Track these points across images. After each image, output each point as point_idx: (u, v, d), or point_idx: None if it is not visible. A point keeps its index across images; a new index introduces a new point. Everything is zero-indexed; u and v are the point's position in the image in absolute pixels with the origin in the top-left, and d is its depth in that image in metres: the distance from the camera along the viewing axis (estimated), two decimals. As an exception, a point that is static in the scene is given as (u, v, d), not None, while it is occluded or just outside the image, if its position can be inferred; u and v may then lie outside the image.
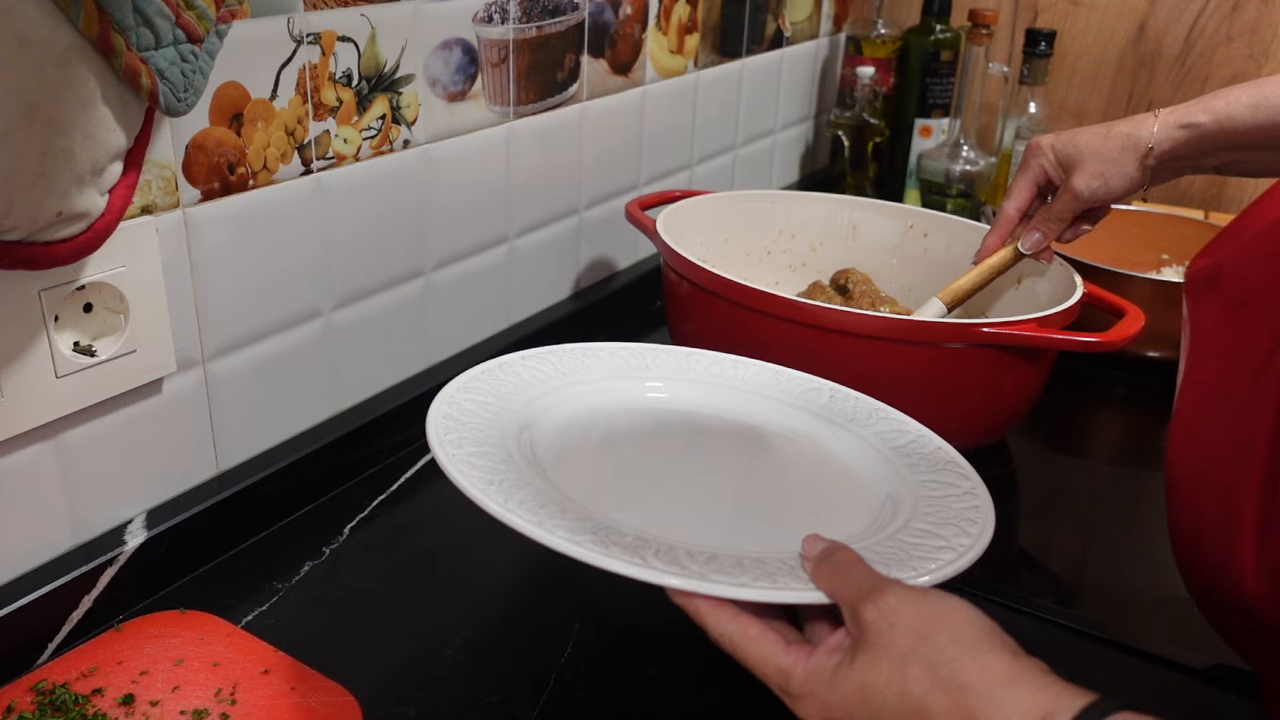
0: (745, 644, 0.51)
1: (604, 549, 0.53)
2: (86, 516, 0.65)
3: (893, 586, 0.48)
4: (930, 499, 0.62)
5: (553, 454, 0.63)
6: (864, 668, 0.46)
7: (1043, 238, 0.86)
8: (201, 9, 0.56)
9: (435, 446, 0.57)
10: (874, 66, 1.36)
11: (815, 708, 0.48)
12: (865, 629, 0.47)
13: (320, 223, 0.74)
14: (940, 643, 0.45)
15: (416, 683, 0.61)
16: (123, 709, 0.55)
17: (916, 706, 0.44)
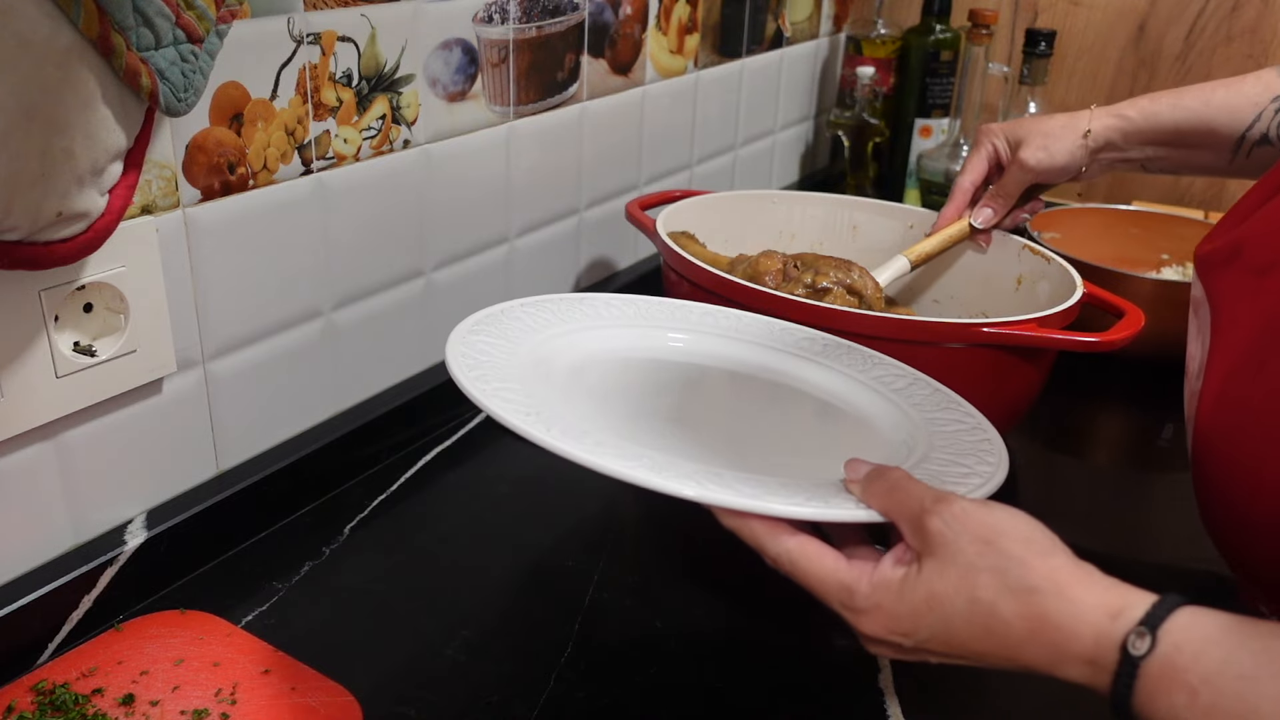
0: (805, 561, 0.50)
1: (657, 472, 0.51)
2: (87, 516, 0.65)
3: (955, 498, 0.48)
4: (942, 434, 0.63)
5: (570, 395, 0.63)
6: (932, 577, 0.47)
7: (993, 213, 0.93)
8: (201, 9, 0.57)
9: (465, 383, 0.57)
10: (874, 66, 1.36)
11: (881, 620, 0.48)
12: (930, 539, 0.47)
13: (320, 223, 0.74)
14: (1007, 548, 0.46)
15: (416, 683, 0.61)
16: (123, 709, 0.55)
17: (987, 611, 0.45)
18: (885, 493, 0.50)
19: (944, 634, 0.47)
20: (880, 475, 0.52)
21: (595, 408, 0.63)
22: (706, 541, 0.76)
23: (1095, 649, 0.43)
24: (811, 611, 0.69)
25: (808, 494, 0.52)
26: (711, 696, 0.61)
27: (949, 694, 0.63)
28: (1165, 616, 0.42)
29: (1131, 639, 0.42)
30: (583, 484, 0.82)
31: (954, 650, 0.47)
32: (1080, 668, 0.44)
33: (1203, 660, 0.41)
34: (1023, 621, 0.45)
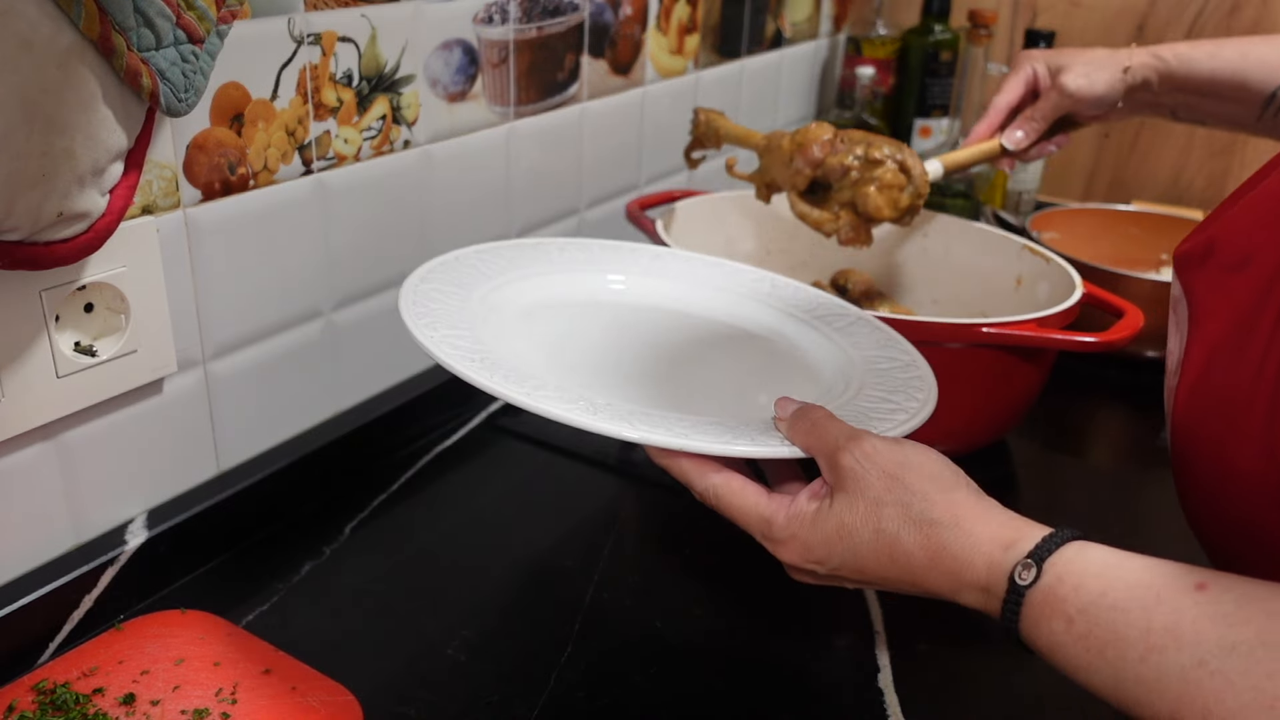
0: (729, 496, 0.54)
1: (592, 414, 0.54)
2: (87, 516, 0.65)
3: (867, 436, 0.52)
4: (876, 371, 0.67)
5: (520, 339, 0.66)
6: (842, 509, 0.50)
7: (1024, 136, 0.92)
8: (202, 9, 0.57)
9: (414, 329, 0.59)
10: (873, 67, 1.36)
11: (797, 549, 0.52)
12: (842, 475, 0.51)
13: (321, 223, 0.75)
14: (911, 483, 0.50)
15: (416, 683, 0.61)
16: (124, 708, 0.55)
17: (891, 541, 0.49)
18: (807, 430, 0.54)
19: (854, 562, 0.50)
20: (804, 414, 0.55)
21: (543, 353, 0.65)
22: (706, 541, 0.76)
23: (988, 578, 0.47)
24: (812, 611, 0.69)
25: (736, 432, 0.55)
26: (711, 696, 0.61)
27: (949, 694, 0.63)
28: (1053, 550, 0.46)
29: (1018, 570, 0.46)
30: (583, 484, 0.82)
31: (865, 577, 0.51)
32: (975, 594, 0.47)
33: (1081, 592, 0.44)
34: (924, 552, 0.48)
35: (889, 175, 0.81)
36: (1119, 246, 1.15)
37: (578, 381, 0.62)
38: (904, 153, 0.83)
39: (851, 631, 0.67)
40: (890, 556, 0.49)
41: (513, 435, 0.88)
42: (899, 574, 0.49)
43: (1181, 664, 0.41)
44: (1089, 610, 0.43)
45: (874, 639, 0.66)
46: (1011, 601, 0.46)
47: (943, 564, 0.48)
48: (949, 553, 0.48)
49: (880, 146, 0.82)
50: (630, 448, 0.88)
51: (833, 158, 0.82)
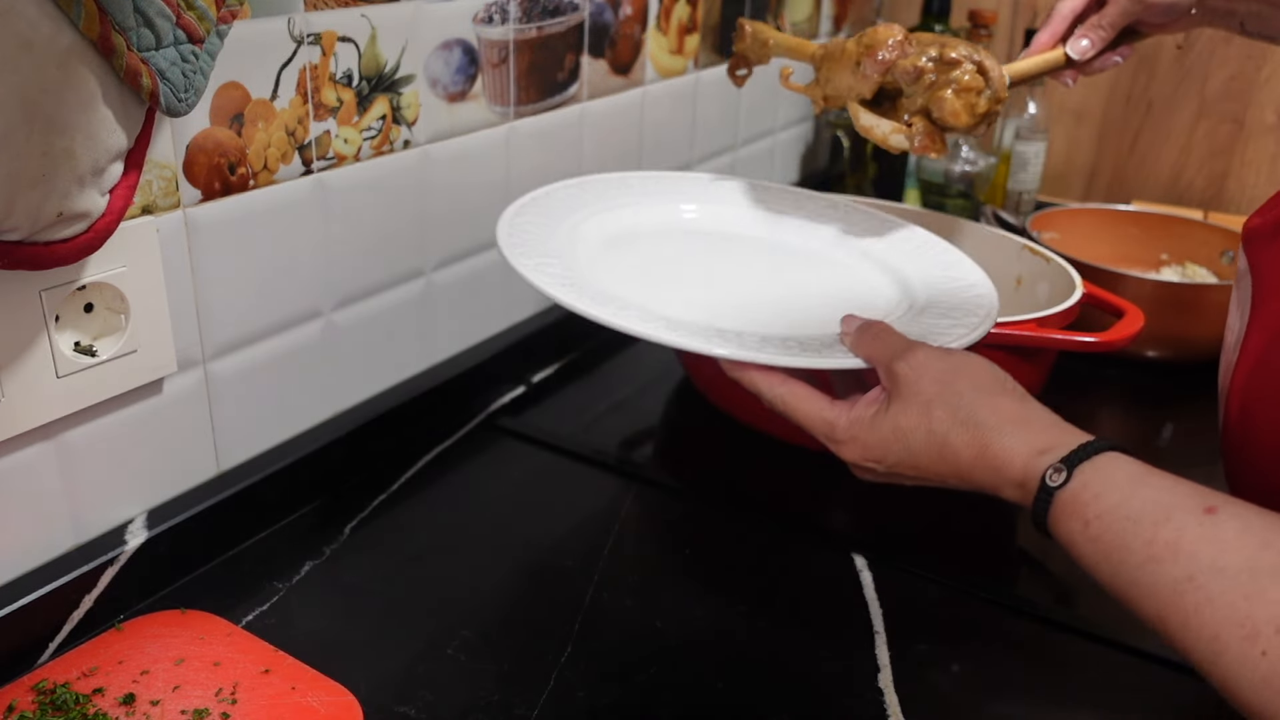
0: (795, 402, 0.60)
1: (672, 330, 0.61)
2: (87, 516, 0.65)
3: (921, 346, 0.58)
4: (940, 290, 0.73)
5: (604, 265, 0.73)
6: (897, 413, 0.56)
7: (1090, 45, 0.87)
8: (202, 9, 0.57)
9: (510, 257, 0.67)
10: (874, 67, 1.36)
11: (856, 449, 0.58)
12: (897, 381, 0.57)
13: (321, 223, 0.75)
14: (960, 389, 0.55)
15: (416, 683, 0.61)
16: (123, 708, 0.55)
17: (941, 441, 0.55)
18: (869, 342, 0.60)
19: (909, 460, 0.56)
20: (866, 328, 0.61)
21: (626, 278, 0.71)
22: (706, 541, 0.76)
23: (1024, 476, 0.52)
24: (812, 611, 0.69)
25: (803, 346, 0.62)
26: (711, 696, 0.61)
27: (949, 694, 0.63)
28: (1085, 458, 0.51)
29: (1050, 472, 0.51)
30: (583, 484, 0.82)
31: (919, 473, 0.57)
32: (1013, 490, 0.53)
33: (1101, 499, 0.49)
34: (969, 450, 0.54)
35: (966, 78, 0.75)
36: (1119, 246, 1.15)
37: (658, 303, 0.67)
38: (980, 53, 0.77)
39: (851, 631, 0.67)
40: (940, 455, 0.55)
41: (513, 435, 0.88)
42: (948, 470, 0.55)
43: (1173, 576, 0.46)
44: (1104, 517, 0.49)
45: (874, 639, 0.66)
46: (1041, 499, 0.51)
47: (986, 461, 0.53)
48: (992, 452, 0.53)
49: (955, 46, 0.76)
50: (630, 447, 0.88)
51: (904, 60, 0.76)
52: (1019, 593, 0.72)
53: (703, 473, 0.85)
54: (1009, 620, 0.69)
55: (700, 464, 0.87)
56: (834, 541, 0.75)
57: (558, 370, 0.99)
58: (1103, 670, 0.65)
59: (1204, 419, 1.03)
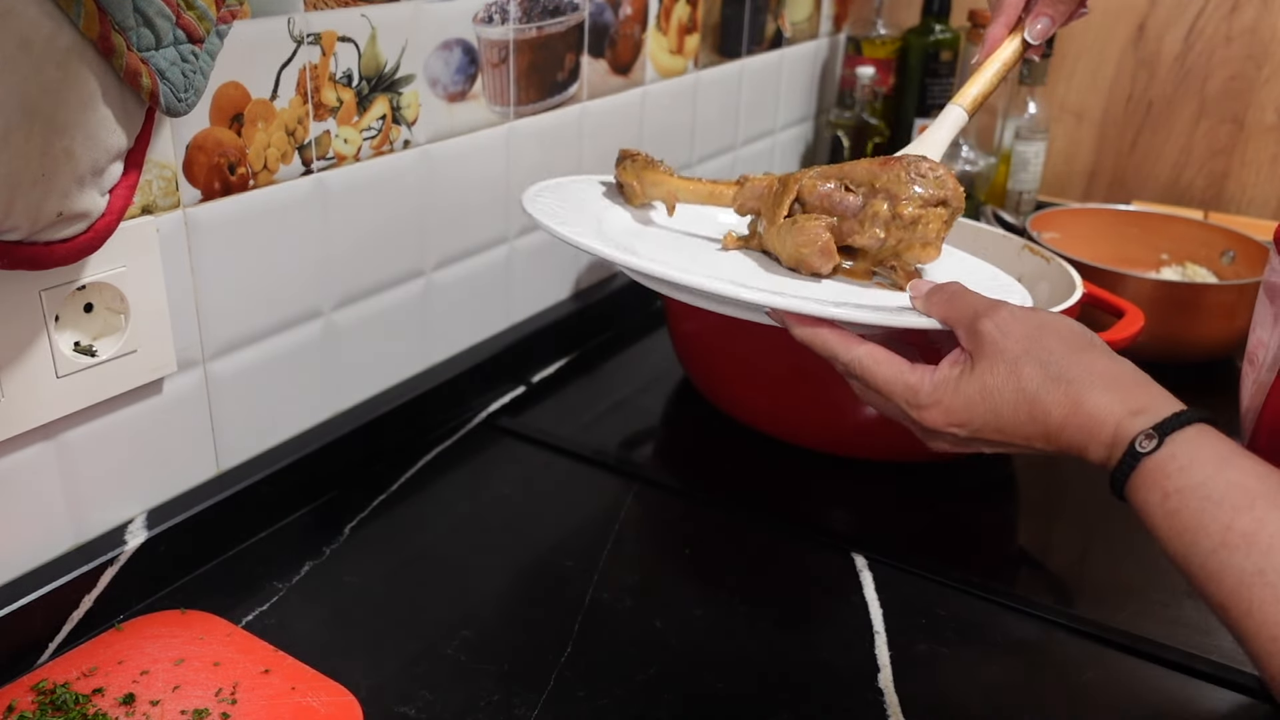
0: (874, 365, 0.57)
1: (739, 287, 0.58)
2: (87, 516, 0.65)
3: (1003, 304, 0.56)
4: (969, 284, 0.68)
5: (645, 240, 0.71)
6: (984, 372, 0.54)
7: (1050, 23, 0.81)
8: (202, 9, 0.57)
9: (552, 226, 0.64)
10: (874, 67, 1.36)
11: (940, 413, 0.55)
12: (982, 340, 0.55)
13: (320, 223, 0.75)
14: (1049, 344, 0.53)
15: (416, 683, 0.61)
16: (123, 708, 0.55)
17: (1031, 399, 0.52)
18: (945, 302, 0.58)
19: (994, 422, 0.54)
20: (940, 288, 0.59)
21: (665, 249, 0.70)
22: (706, 541, 0.76)
23: (1114, 437, 0.50)
24: (812, 611, 0.69)
25: (878, 308, 0.59)
26: (711, 696, 0.61)
27: (949, 694, 0.63)
28: (1178, 428, 0.49)
29: (1140, 438, 0.49)
30: (583, 484, 0.82)
31: (1003, 436, 0.54)
32: (1101, 450, 0.51)
33: (1186, 474, 0.48)
34: (1060, 408, 0.52)
35: (932, 225, 0.65)
36: (1119, 246, 1.15)
37: (712, 268, 0.65)
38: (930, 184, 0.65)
39: (851, 631, 0.67)
40: (1029, 414, 0.52)
41: (513, 435, 0.88)
42: (1036, 430, 0.53)
43: (1244, 567, 0.45)
44: (1184, 492, 0.47)
45: (874, 639, 0.66)
46: (1126, 463, 0.50)
47: (1079, 420, 0.51)
48: (1085, 410, 0.51)
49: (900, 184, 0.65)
50: (630, 447, 0.88)
51: (857, 237, 0.67)
52: (1019, 593, 0.72)
53: (703, 473, 0.85)
54: (1009, 620, 0.69)
55: (700, 464, 0.87)
56: (834, 541, 0.75)
57: (558, 370, 0.99)
58: (1103, 670, 0.65)
59: (1204, 419, 1.03)
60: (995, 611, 0.70)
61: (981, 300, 0.57)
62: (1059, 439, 0.52)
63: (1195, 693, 0.63)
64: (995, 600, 0.70)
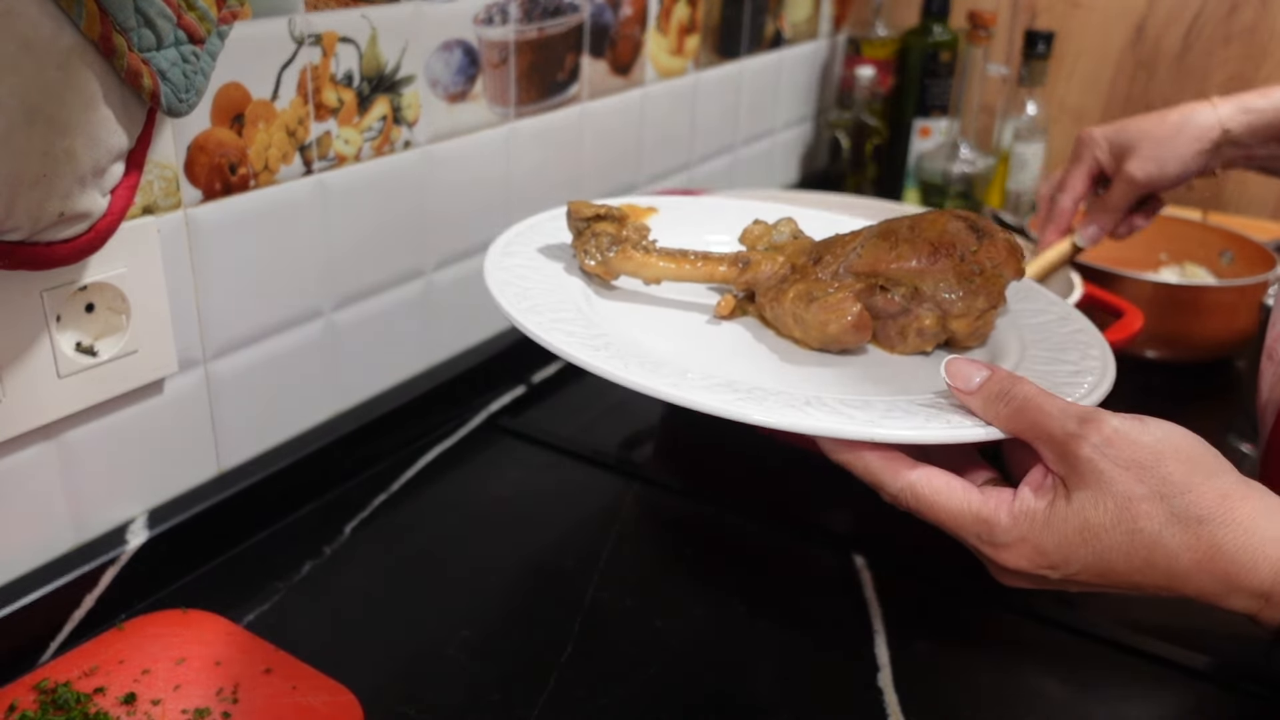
0: (933, 495, 0.47)
1: (760, 404, 0.46)
2: (88, 516, 0.65)
3: (1104, 417, 0.45)
4: (1031, 327, 0.59)
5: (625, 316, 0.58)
6: (1085, 507, 0.44)
7: (1099, 230, 0.83)
8: (203, 10, 0.57)
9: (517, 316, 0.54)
10: (873, 67, 1.36)
11: (1026, 553, 0.45)
12: (1081, 467, 0.44)
13: (321, 223, 0.75)
14: (1171, 474, 0.43)
15: (416, 683, 0.61)
16: (124, 708, 0.55)
17: (1150, 543, 0.43)
18: (1016, 413, 0.46)
19: (1098, 566, 0.44)
20: (1004, 391, 0.46)
21: (657, 331, 0.57)
22: (706, 541, 0.76)
23: (1273, 583, 0.42)
24: (812, 611, 0.69)
25: (922, 415, 0.46)
26: (711, 696, 0.61)
27: (949, 694, 0.63)
28: None
29: None
30: (583, 484, 0.82)
31: (1108, 580, 0.45)
32: (1250, 600, 0.43)
33: None
34: (1191, 553, 0.43)
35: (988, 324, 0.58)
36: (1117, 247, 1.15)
37: (708, 365, 0.52)
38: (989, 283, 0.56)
39: (851, 631, 0.67)
40: (1148, 560, 0.43)
41: (513, 435, 0.88)
42: (1156, 578, 0.44)
43: None
44: None
45: (874, 639, 0.66)
46: None
47: (1215, 566, 0.43)
48: (1225, 554, 0.42)
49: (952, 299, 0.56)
50: (630, 447, 0.88)
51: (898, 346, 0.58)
52: (1019, 593, 0.72)
53: (703, 473, 0.85)
54: (1009, 620, 0.69)
55: (700, 464, 0.87)
56: (834, 541, 0.75)
57: (558, 370, 0.99)
58: (1103, 670, 0.65)
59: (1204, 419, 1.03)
60: (995, 611, 0.70)
61: (1069, 411, 0.45)
62: (1185, 587, 0.44)
63: (1195, 693, 0.64)
64: (995, 600, 0.70)
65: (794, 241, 0.63)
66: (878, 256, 0.56)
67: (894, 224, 0.57)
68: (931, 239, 0.55)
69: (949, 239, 0.55)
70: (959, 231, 0.55)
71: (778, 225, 0.65)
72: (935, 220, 0.56)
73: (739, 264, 0.61)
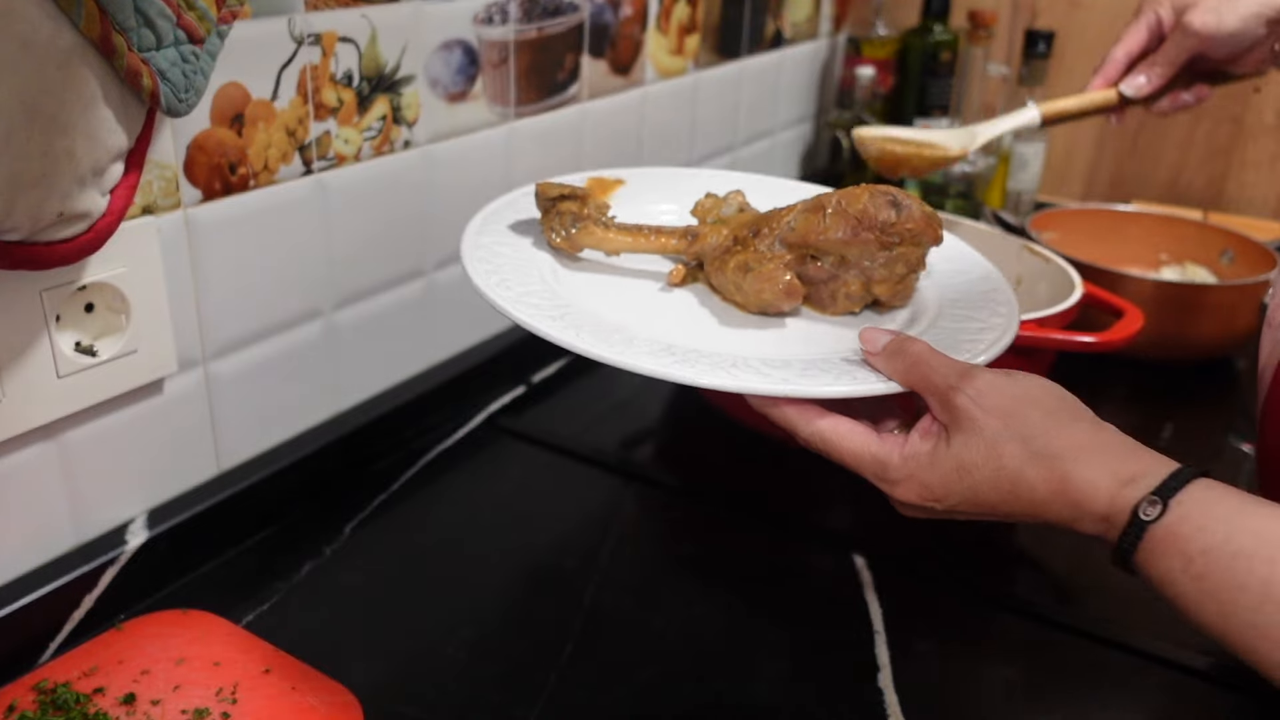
0: (838, 440, 0.54)
1: (690, 366, 0.54)
2: (88, 516, 0.65)
3: (979, 372, 0.52)
4: (953, 286, 0.66)
5: (584, 288, 0.64)
6: (960, 448, 0.50)
7: (1146, 82, 0.83)
8: (203, 10, 0.57)
9: (486, 290, 0.60)
10: (873, 67, 1.36)
11: (914, 488, 0.52)
12: (957, 414, 0.51)
13: (321, 223, 0.75)
14: (1030, 417, 0.50)
15: (416, 683, 0.61)
16: (124, 708, 0.55)
17: (1013, 477, 0.49)
18: (909, 369, 0.53)
19: (973, 498, 0.51)
20: (901, 350, 0.54)
21: (612, 298, 0.63)
22: (706, 541, 0.76)
23: (1110, 509, 0.47)
24: (812, 611, 0.69)
25: (834, 372, 0.54)
26: (711, 696, 0.61)
27: (949, 694, 0.63)
28: (1179, 488, 0.46)
29: (1144, 505, 0.46)
30: (583, 484, 0.82)
31: (983, 511, 0.51)
32: (1095, 524, 0.48)
33: (1205, 534, 0.45)
34: (1046, 485, 0.49)
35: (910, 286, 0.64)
36: (1119, 246, 1.15)
37: (652, 326, 0.60)
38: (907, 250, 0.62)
39: (851, 631, 0.67)
40: (1012, 492, 0.50)
41: (513, 435, 0.88)
42: (1021, 507, 0.50)
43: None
44: (1210, 553, 0.44)
45: (874, 639, 0.66)
46: (1132, 534, 0.47)
47: (1066, 496, 0.48)
48: (1073, 485, 0.48)
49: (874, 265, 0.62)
50: (630, 447, 0.88)
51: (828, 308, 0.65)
52: (1019, 593, 0.72)
53: (703, 473, 0.85)
54: (1009, 620, 0.69)
55: (700, 464, 0.87)
56: (834, 541, 0.75)
57: (558, 370, 0.99)
58: (1103, 670, 0.65)
59: (1204, 419, 1.03)
60: (995, 611, 0.70)
61: (952, 367, 0.52)
62: (1045, 513, 0.50)
63: (1196, 693, 0.63)
64: (995, 600, 0.70)
65: (738, 215, 0.68)
66: (809, 229, 0.62)
67: (824, 199, 0.63)
68: (855, 213, 0.61)
69: (870, 213, 0.61)
70: (880, 205, 0.61)
71: (727, 198, 0.70)
72: (859, 195, 0.62)
73: (688, 237, 0.67)
